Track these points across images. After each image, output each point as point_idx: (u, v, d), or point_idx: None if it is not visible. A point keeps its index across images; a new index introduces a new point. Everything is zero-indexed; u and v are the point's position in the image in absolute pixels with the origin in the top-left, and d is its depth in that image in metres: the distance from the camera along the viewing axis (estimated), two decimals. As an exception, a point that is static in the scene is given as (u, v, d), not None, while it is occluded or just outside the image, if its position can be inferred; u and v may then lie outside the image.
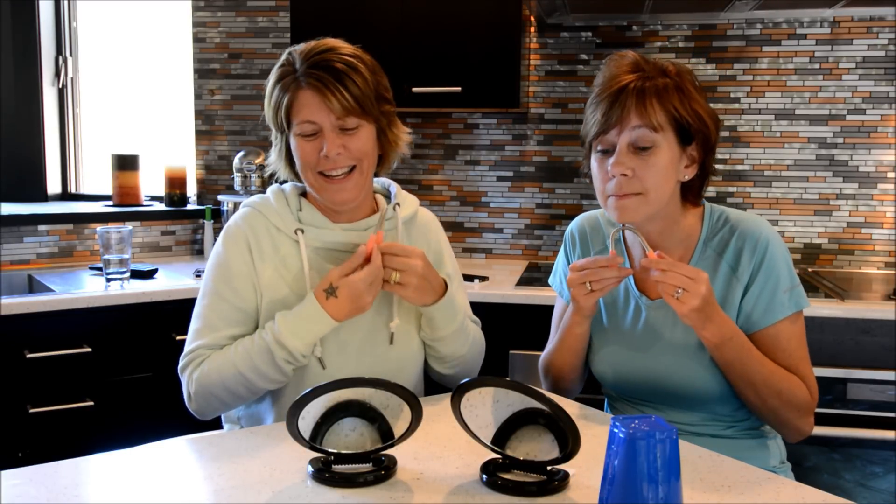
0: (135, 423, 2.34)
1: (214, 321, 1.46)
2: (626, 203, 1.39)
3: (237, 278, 1.47)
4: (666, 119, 1.37)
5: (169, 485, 1.13)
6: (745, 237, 1.45)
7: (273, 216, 1.50)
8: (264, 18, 3.16)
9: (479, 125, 3.06)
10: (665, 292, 1.33)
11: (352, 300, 1.37)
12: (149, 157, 3.19)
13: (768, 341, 1.43)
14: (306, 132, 1.44)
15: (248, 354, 1.40)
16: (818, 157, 2.82)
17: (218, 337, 1.45)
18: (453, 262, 1.67)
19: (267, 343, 1.39)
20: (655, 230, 1.47)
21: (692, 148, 1.42)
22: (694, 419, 1.49)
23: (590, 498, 1.07)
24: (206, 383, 1.43)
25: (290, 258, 1.49)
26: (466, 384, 1.11)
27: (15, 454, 2.21)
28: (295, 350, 1.38)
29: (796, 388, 1.42)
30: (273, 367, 1.40)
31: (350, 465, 1.14)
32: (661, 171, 1.38)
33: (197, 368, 1.44)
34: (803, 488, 1.13)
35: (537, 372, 1.68)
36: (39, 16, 3.27)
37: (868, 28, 2.75)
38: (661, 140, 1.37)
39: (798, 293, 1.44)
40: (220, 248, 1.51)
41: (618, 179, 1.38)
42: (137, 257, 2.94)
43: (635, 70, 1.41)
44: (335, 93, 1.40)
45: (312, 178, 1.47)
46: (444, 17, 2.69)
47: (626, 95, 1.38)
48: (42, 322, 2.25)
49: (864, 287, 2.55)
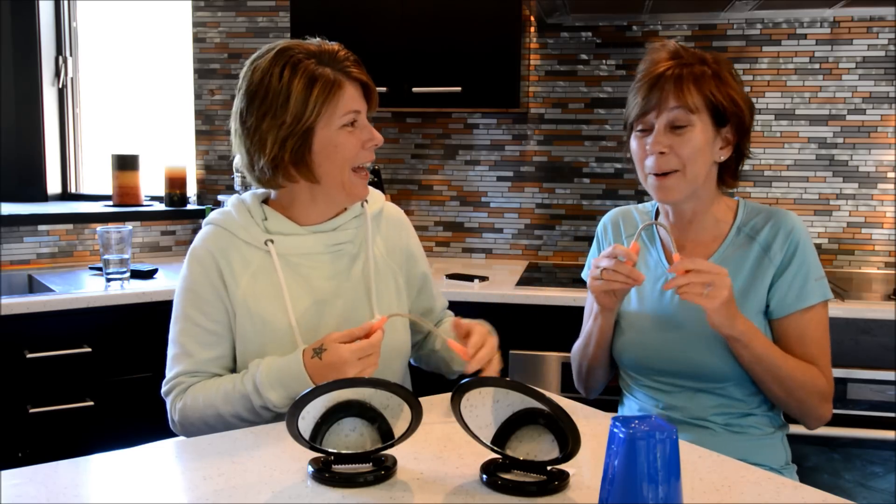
0: (135, 423, 2.34)
1: (189, 346, 1.47)
2: (666, 182, 1.49)
3: (205, 302, 1.46)
4: (702, 102, 1.47)
5: (169, 485, 1.13)
6: (779, 225, 1.52)
7: (238, 231, 1.47)
8: (264, 18, 3.16)
9: (479, 125, 3.06)
10: (692, 294, 1.37)
11: (333, 367, 1.32)
12: (149, 157, 3.19)
13: (798, 326, 1.50)
14: (349, 122, 1.43)
15: (228, 398, 1.40)
16: (818, 157, 2.82)
17: (195, 361, 1.46)
18: (424, 258, 1.68)
19: (247, 391, 1.38)
20: (689, 209, 1.56)
21: (727, 130, 1.51)
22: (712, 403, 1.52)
23: (590, 498, 1.07)
24: (189, 416, 1.43)
25: (262, 271, 1.46)
26: (466, 384, 1.11)
27: (15, 454, 2.21)
28: (271, 403, 1.37)
29: (816, 377, 1.48)
30: (251, 413, 1.40)
31: (350, 465, 1.14)
32: (696, 148, 1.47)
33: (179, 398, 1.45)
34: (803, 488, 1.13)
35: (537, 372, 1.69)
36: (39, 16, 3.27)
37: (868, 28, 2.75)
38: (697, 120, 1.47)
39: (825, 284, 1.52)
40: (185, 272, 1.49)
41: (656, 157, 1.49)
42: (137, 257, 2.94)
43: (674, 57, 1.51)
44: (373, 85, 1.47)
45: (347, 174, 1.45)
46: (444, 17, 2.69)
47: (664, 80, 1.48)
48: (42, 322, 2.25)
49: (864, 287, 2.55)
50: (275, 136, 1.41)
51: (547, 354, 2.38)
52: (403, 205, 3.09)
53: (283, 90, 1.39)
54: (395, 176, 3.11)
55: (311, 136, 1.42)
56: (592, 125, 2.98)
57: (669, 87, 1.47)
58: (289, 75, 1.40)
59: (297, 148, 1.41)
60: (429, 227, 3.13)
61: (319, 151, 1.43)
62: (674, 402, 1.55)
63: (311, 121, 1.40)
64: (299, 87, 1.39)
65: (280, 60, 1.41)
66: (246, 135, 1.44)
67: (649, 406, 1.59)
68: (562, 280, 2.63)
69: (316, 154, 1.43)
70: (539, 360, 2.39)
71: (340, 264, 1.51)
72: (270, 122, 1.41)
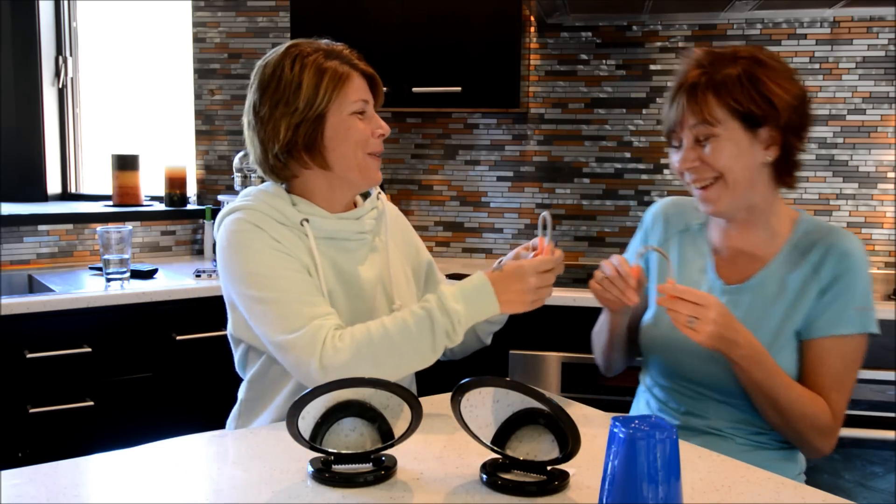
0: (135, 423, 2.34)
1: (304, 296, 1.38)
2: (709, 194, 1.43)
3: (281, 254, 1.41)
4: (724, 112, 1.39)
5: (169, 485, 1.13)
6: (834, 246, 1.43)
7: (272, 211, 1.46)
8: (264, 18, 3.16)
9: (479, 125, 3.06)
10: (678, 322, 1.33)
11: (514, 275, 1.36)
12: (149, 157, 3.19)
13: (820, 352, 1.42)
14: (359, 109, 1.47)
15: (404, 325, 1.34)
16: (818, 157, 2.82)
17: (323, 301, 1.40)
18: (425, 248, 1.74)
19: (431, 306, 1.34)
20: (740, 220, 1.49)
21: (765, 130, 1.41)
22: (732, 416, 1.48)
23: (590, 498, 1.07)
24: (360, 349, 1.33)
25: (296, 250, 1.45)
26: (466, 384, 1.11)
27: (15, 454, 2.21)
28: (455, 314, 1.34)
29: (820, 412, 1.40)
30: (430, 337, 1.33)
31: (350, 465, 1.14)
32: (728, 156, 1.40)
33: (338, 335, 1.34)
34: (803, 488, 1.13)
35: (537, 372, 1.69)
36: (39, 16, 3.27)
37: (868, 28, 2.75)
38: (721, 130, 1.40)
39: (868, 316, 1.42)
40: (240, 249, 1.42)
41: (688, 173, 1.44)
42: (137, 257, 2.94)
43: (696, 67, 1.43)
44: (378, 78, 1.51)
45: (361, 156, 1.48)
46: (443, 17, 2.69)
47: (681, 94, 1.42)
48: (42, 322, 2.25)
49: (864, 287, 2.55)
50: (288, 122, 1.45)
51: (547, 354, 2.38)
52: (403, 205, 3.09)
53: (295, 80, 1.45)
54: (395, 176, 3.11)
55: (323, 121, 1.46)
56: (592, 125, 2.98)
57: (685, 101, 1.41)
58: (299, 67, 1.45)
59: (309, 133, 1.45)
60: (429, 227, 3.13)
61: (332, 137, 1.46)
62: (695, 409, 1.51)
63: (322, 107, 1.45)
64: (309, 76, 1.45)
65: (289, 55, 1.47)
66: (259, 125, 1.47)
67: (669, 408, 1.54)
68: (562, 280, 2.63)
69: (329, 140, 1.46)
70: (539, 360, 2.39)
71: (362, 252, 1.55)
72: (283, 109, 1.45)
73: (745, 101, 1.38)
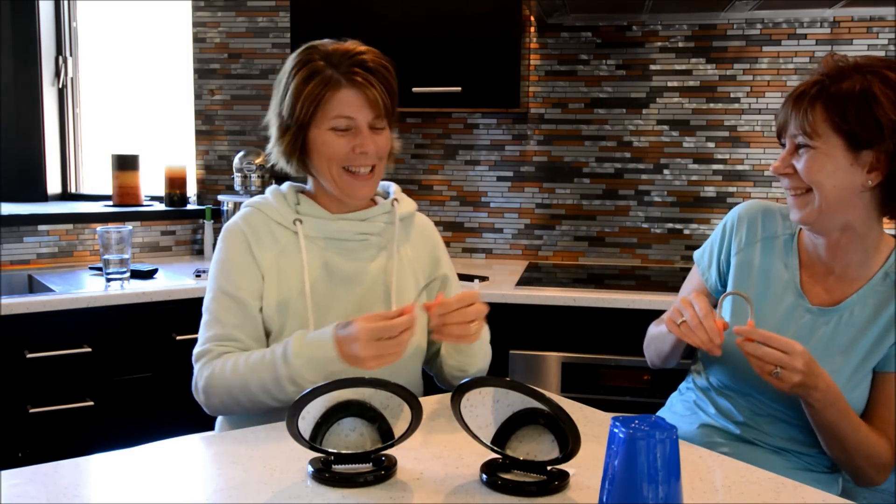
0: (135, 423, 2.34)
1: (219, 313, 1.50)
2: (797, 202, 1.42)
3: (235, 270, 1.50)
4: (828, 126, 1.35)
5: (169, 485, 1.13)
6: None
7: (271, 211, 1.55)
8: (264, 18, 3.16)
9: (479, 125, 3.06)
10: (761, 370, 1.30)
11: (349, 339, 1.32)
12: (149, 157, 3.19)
13: (886, 386, 1.40)
14: (340, 127, 1.47)
15: (254, 367, 1.41)
16: None
17: (224, 326, 1.49)
18: (450, 265, 1.72)
19: (275, 358, 1.39)
20: (833, 239, 1.44)
21: (869, 153, 1.34)
22: (788, 434, 1.46)
23: (590, 498, 1.07)
24: (214, 384, 1.45)
25: (289, 248, 1.52)
26: (466, 384, 1.11)
27: (15, 454, 2.21)
28: (296, 370, 1.36)
29: (884, 451, 1.39)
30: (275, 385, 1.38)
31: (350, 465, 1.14)
32: (820, 172, 1.36)
33: (208, 366, 1.46)
34: (803, 488, 1.13)
35: (537, 372, 1.68)
36: (39, 16, 3.27)
37: (868, 28, 2.75)
38: (819, 144, 1.36)
39: None
40: (219, 245, 1.56)
41: (783, 178, 1.44)
42: (137, 257, 2.94)
43: (818, 75, 1.40)
44: (378, 93, 1.46)
45: (336, 172, 1.49)
46: (444, 17, 2.69)
47: (793, 100, 1.40)
48: (42, 322, 2.25)
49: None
50: (277, 125, 1.52)
51: (547, 354, 2.38)
52: (403, 205, 3.09)
53: (286, 86, 1.49)
54: (396, 176, 3.10)
55: (306, 132, 1.49)
56: (592, 125, 2.98)
57: (793, 108, 1.38)
58: (295, 71, 1.48)
59: (293, 140, 1.50)
60: (429, 227, 3.12)
61: (312, 148, 1.50)
62: (754, 423, 1.49)
63: (303, 118, 1.47)
64: (296, 85, 1.47)
65: (298, 56, 1.50)
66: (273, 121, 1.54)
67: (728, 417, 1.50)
68: (562, 280, 2.63)
69: (310, 150, 1.50)
70: (539, 360, 2.39)
71: (365, 253, 1.56)
72: (276, 110, 1.52)
73: (852, 121, 1.32)
